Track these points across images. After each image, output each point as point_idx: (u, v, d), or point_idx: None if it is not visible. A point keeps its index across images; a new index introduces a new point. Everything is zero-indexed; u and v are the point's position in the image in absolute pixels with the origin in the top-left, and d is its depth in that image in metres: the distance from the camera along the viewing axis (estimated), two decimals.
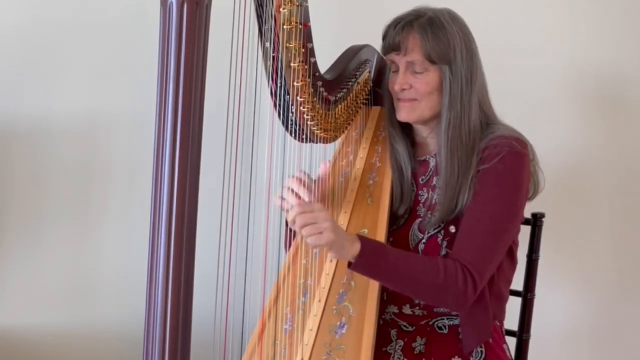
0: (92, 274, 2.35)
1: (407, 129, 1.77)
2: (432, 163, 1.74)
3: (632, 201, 2.42)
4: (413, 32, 1.65)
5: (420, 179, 1.74)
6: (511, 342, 1.86)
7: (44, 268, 2.31)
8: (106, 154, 2.33)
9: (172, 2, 1.12)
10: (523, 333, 1.87)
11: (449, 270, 1.54)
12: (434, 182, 1.71)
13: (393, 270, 1.53)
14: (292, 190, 1.65)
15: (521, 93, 2.35)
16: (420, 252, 1.67)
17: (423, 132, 1.75)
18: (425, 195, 1.72)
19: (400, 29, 1.66)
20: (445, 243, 1.64)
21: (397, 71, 1.69)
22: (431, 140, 1.74)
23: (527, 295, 1.87)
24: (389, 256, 1.53)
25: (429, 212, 1.68)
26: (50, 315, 2.32)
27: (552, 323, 2.40)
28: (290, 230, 1.69)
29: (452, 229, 1.64)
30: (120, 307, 2.33)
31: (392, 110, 1.74)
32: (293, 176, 1.66)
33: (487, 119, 1.69)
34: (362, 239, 1.52)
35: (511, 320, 1.85)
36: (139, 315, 1.21)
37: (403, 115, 1.70)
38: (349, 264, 1.52)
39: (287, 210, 1.62)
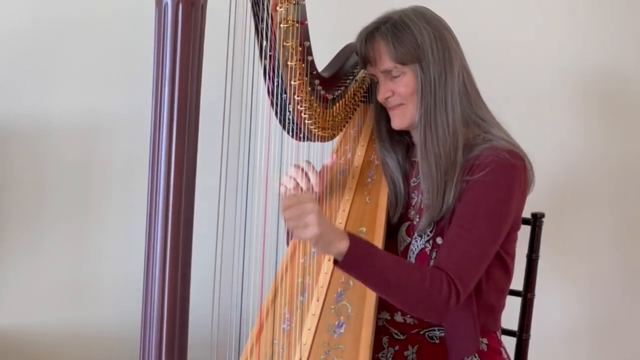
0: (91, 273, 2.35)
1: (403, 132, 1.73)
2: None
3: (632, 201, 2.41)
4: (376, 41, 1.63)
5: (411, 181, 1.72)
6: (511, 342, 1.85)
7: (43, 268, 2.31)
8: (105, 154, 2.33)
9: (167, 3, 1.12)
10: (523, 333, 1.87)
11: (435, 279, 1.50)
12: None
13: (379, 273, 1.49)
14: (293, 178, 1.65)
15: (520, 92, 2.34)
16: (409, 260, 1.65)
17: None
18: (416, 199, 1.70)
19: (364, 41, 1.64)
20: (434, 254, 1.61)
21: (378, 82, 1.67)
22: None
23: (527, 295, 1.86)
24: (376, 258, 1.49)
25: (418, 216, 1.67)
26: (49, 315, 2.33)
27: (552, 323, 2.40)
28: None
29: (439, 240, 1.61)
30: (119, 307, 2.33)
31: (379, 124, 1.73)
32: (296, 165, 1.65)
33: (477, 116, 1.64)
34: (351, 237, 1.47)
35: (511, 320, 1.85)
36: (138, 315, 1.20)
37: (397, 123, 1.67)
38: (335, 262, 1.48)
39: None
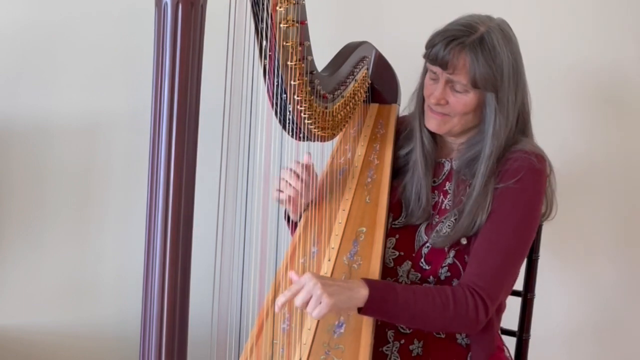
0: (91, 273, 2.35)
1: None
2: (446, 167, 1.72)
3: (632, 201, 2.41)
4: (464, 53, 1.58)
5: (432, 181, 1.72)
6: (511, 342, 1.85)
7: (43, 268, 2.31)
8: (105, 154, 2.33)
9: (166, 3, 1.11)
10: (523, 333, 1.87)
11: (459, 300, 1.51)
12: (447, 187, 1.69)
13: (403, 309, 1.50)
14: (288, 183, 1.67)
15: None
16: (423, 256, 1.65)
17: (449, 139, 1.72)
18: (436, 199, 1.70)
19: (452, 47, 1.58)
20: (453, 252, 1.62)
21: (435, 79, 1.64)
22: (455, 147, 1.71)
23: (527, 295, 1.87)
24: (398, 296, 1.49)
25: (438, 216, 1.67)
26: (49, 315, 2.32)
27: (552, 323, 2.40)
28: (292, 222, 1.74)
29: (464, 240, 1.62)
30: (119, 306, 2.33)
31: (422, 113, 1.70)
32: (287, 168, 1.67)
33: (519, 134, 1.65)
34: (369, 283, 1.47)
35: (511, 320, 1.85)
36: (138, 315, 1.20)
37: (432, 126, 1.67)
38: (359, 309, 1.48)
39: (283, 202, 1.68)
